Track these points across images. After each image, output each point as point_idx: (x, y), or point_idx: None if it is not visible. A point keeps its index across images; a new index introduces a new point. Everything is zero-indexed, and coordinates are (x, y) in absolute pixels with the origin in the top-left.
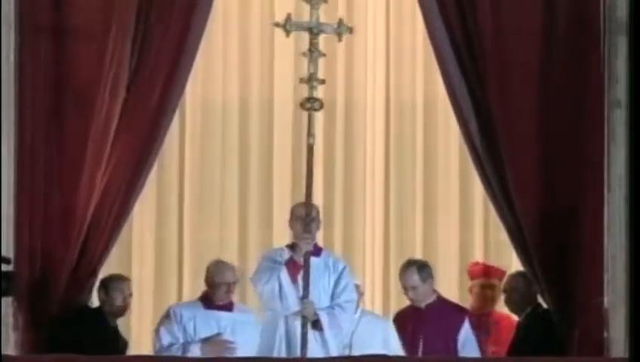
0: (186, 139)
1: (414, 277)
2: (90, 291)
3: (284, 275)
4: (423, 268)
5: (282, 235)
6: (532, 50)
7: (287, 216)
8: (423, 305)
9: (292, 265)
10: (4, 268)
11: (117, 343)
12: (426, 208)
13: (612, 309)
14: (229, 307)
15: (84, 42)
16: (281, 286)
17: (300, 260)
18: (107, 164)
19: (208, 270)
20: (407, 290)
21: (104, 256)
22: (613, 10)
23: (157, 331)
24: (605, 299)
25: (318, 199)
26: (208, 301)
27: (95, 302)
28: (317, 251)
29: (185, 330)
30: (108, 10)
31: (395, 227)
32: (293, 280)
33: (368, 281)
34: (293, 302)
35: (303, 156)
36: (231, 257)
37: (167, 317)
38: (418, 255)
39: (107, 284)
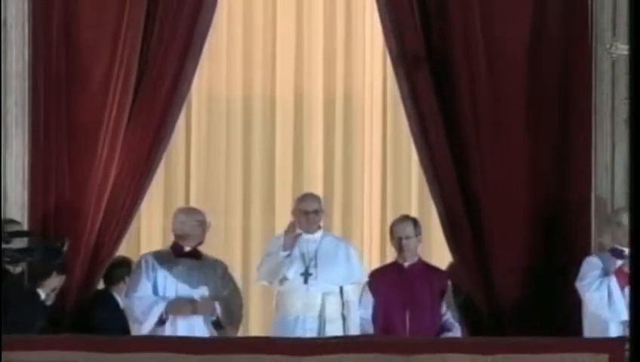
0: (192, 132)
1: (409, 228)
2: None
3: None
4: (417, 224)
5: (284, 223)
6: (520, 47)
7: (288, 204)
8: (406, 264)
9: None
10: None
11: (124, 324)
12: (421, 196)
13: None
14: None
15: (96, 38)
16: None
17: None
18: (119, 158)
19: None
20: (401, 240)
21: (118, 243)
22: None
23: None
24: None
25: (317, 189)
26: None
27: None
28: None
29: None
30: (119, 9)
31: (392, 215)
32: None
33: (366, 266)
34: None
35: (304, 148)
36: (235, 243)
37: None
38: None
39: (111, 267)
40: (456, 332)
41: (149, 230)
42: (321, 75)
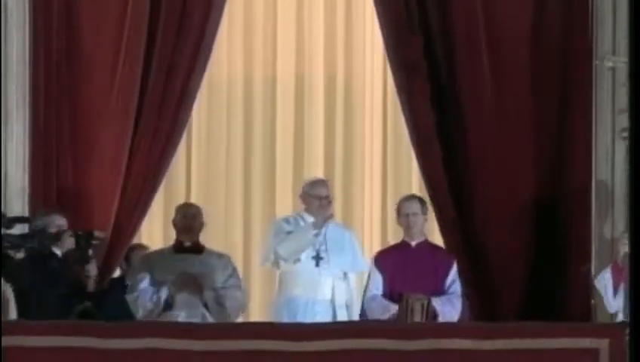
0: (192, 115)
1: (416, 206)
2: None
3: None
4: (423, 203)
5: (285, 205)
6: (521, 36)
7: (289, 190)
8: (413, 243)
9: None
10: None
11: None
12: (422, 179)
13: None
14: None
15: (98, 23)
16: None
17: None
18: (131, 144)
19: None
20: (408, 216)
21: (136, 228)
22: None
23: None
24: (593, 267)
25: (318, 171)
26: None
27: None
28: None
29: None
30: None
31: (393, 197)
32: None
33: (367, 250)
34: None
35: (305, 130)
36: (236, 226)
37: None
38: None
39: (127, 253)
40: (457, 299)
41: (149, 218)
42: (322, 57)
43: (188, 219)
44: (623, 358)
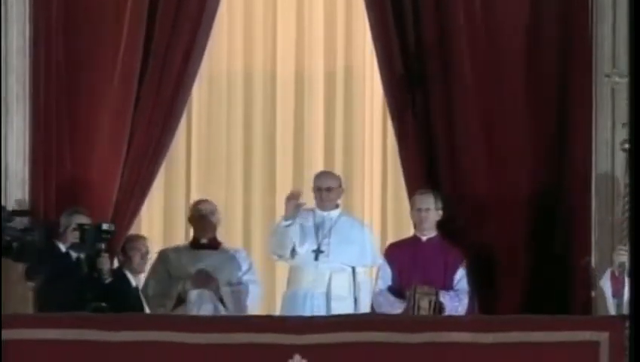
0: (192, 109)
1: (429, 200)
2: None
3: None
4: (437, 197)
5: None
6: (519, 25)
7: (289, 181)
8: (424, 238)
9: None
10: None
11: (139, 303)
12: None
13: (599, 269)
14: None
15: (99, 14)
16: None
17: None
18: (130, 135)
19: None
20: (420, 211)
21: (132, 218)
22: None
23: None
24: (592, 259)
25: (318, 165)
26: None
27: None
28: None
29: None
30: None
31: (393, 191)
32: None
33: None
34: None
35: (305, 124)
36: (236, 220)
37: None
38: None
39: (124, 244)
40: (464, 295)
41: (149, 209)
42: (322, 51)
43: (205, 216)
44: (622, 351)
